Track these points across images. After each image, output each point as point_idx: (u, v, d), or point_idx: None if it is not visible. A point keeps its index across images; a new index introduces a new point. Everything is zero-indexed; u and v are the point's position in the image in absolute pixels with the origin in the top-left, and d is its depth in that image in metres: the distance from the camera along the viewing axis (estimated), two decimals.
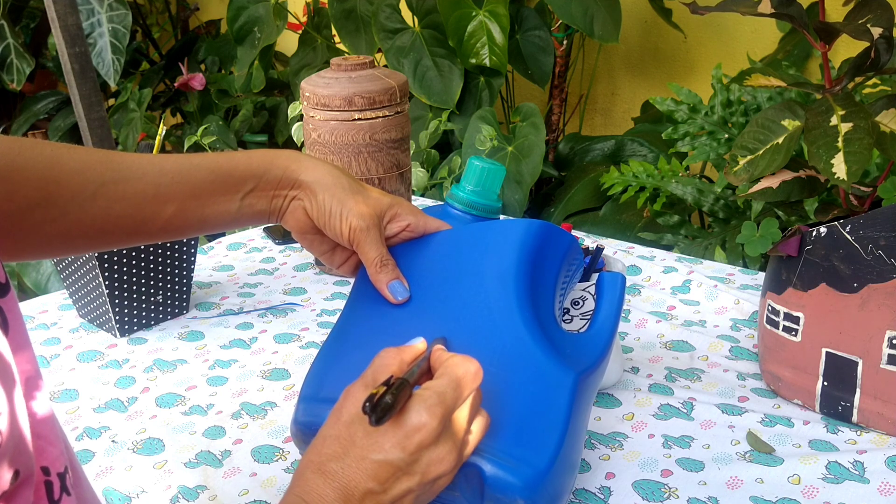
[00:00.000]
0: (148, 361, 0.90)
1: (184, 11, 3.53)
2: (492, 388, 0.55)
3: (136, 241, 0.63)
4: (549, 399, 0.56)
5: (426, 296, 0.62)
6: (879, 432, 0.72)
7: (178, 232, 0.63)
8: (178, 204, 0.60)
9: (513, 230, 0.63)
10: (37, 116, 3.21)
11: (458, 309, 0.60)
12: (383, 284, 0.62)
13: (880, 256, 0.68)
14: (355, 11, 2.27)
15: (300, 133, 1.56)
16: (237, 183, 0.62)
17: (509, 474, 0.52)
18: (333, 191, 0.63)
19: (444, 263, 0.63)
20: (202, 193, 0.61)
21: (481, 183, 0.66)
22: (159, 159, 0.61)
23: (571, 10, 1.90)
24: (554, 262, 0.64)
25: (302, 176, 0.63)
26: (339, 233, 0.63)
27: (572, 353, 0.59)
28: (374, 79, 0.97)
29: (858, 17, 0.73)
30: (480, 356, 0.56)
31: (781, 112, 0.76)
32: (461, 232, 0.65)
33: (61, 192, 0.55)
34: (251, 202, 0.63)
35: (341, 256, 0.68)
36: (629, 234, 1.74)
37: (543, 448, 0.54)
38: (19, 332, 0.38)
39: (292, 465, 0.71)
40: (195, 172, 0.61)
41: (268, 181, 0.63)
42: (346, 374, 0.57)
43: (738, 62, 2.17)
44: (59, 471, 0.38)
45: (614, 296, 0.65)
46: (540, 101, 2.46)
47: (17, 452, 0.33)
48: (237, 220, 0.64)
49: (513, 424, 0.54)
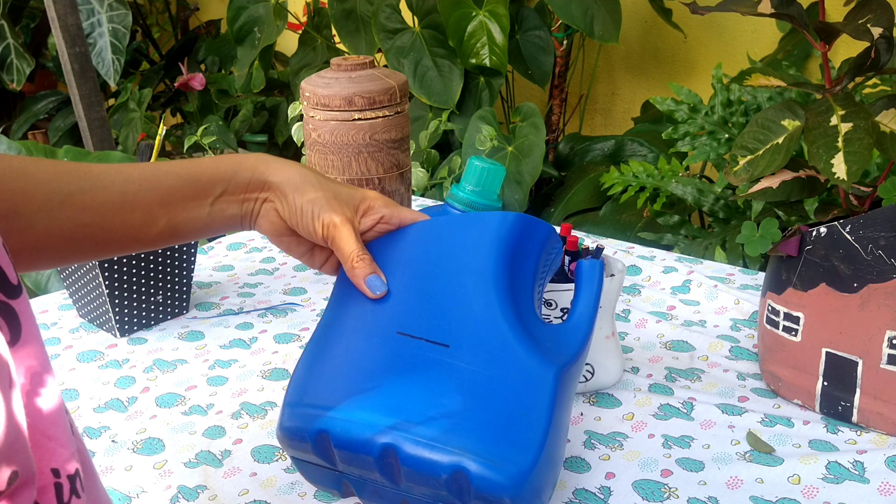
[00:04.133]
0: (148, 361, 0.90)
1: (184, 11, 3.53)
2: (473, 385, 0.55)
3: (105, 251, 0.61)
4: (531, 395, 0.56)
5: (406, 291, 0.61)
6: (879, 432, 0.72)
7: (148, 241, 0.61)
8: (146, 212, 0.59)
9: (490, 223, 0.63)
10: (37, 116, 3.21)
11: (438, 304, 0.60)
12: (360, 279, 0.61)
13: (880, 256, 0.68)
14: (355, 11, 2.27)
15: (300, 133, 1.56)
16: (205, 187, 0.61)
17: (495, 474, 0.52)
18: (303, 189, 0.62)
19: (422, 257, 0.63)
20: (170, 200, 0.60)
21: (481, 183, 0.66)
22: (127, 167, 0.60)
23: (571, 10, 1.90)
24: (532, 254, 0.63)
25: (270, 177, 0.62)
26: (312, 231, 0.62)
27: (553, 347, 0.59)
28: (374, 79, 0.97)
29: (858, 17, 0.73)
30: (461, 352, 0.56)
31: (781, 112, 0.76)
32: (438, 224, 0.65)
33: (28, 203, 0.54)
34: (221, 207, 0.62)
35: (321, 257, 0.67)
36: (629, 234, 1.74)
37: (528, 446, 0.54)
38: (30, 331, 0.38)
39: (292, 465, 0.71)
40: (163, 179, 0.60)
41: (237, 184, 0.62)
42: (330, 376, 0.58)
43: (738, 62, 2.17)
44: (69, 473, 0.38)
45: (593, 284, 0.65)
46: (540, 101, 2.46)
47: (14, 452, 0.33)
48: (209, 227, 0.63)
49: (496, 423, 0.54)
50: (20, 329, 0.37)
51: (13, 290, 0.38)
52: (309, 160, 1.01)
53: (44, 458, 0.36)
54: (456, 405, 0.55)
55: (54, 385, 0.39)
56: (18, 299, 0.38)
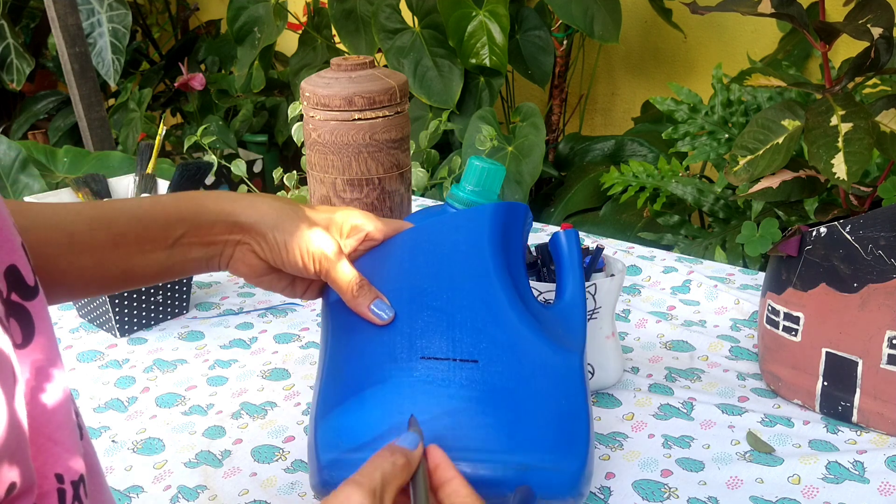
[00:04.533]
0: (148, 361, 0.90)
1: (184, 11, 3.53)
2: (511, 394, 0.54)
3: (51, 297, 0.54)
4: (566, 390, 0.56)
5: (412, 310, 0.59)
6: (879, 432, 0.72)
7: (100, 286, 0.57)
8: (97, 255, 0.54)
9: (475, 220, 0.62)
10: (37, 116, 3.21)
11: (451, 318, 0.58)
12: (364, 308, 0.58)
13: (880, 256, 0.68)
14: (355, 11, 2.27)
15: (300, 133, 1.56)
16: (163, 228, 0.56)
17: (557, 479, 0.53)
18: (282, 225, 0.58)
19: (416, 269, 0.61)
20: (124, 241, 0.55)
21: (481, 183, 0.66)
22: (77, 206, 0.55)
23: (571, 10, 1.90)
24: (518, 238, 0.63)
25: (241, 217, 0.58)
26: (301, 267, 0.58)
27: (563, 332, 0.59)
28: (374, 79, 0.97)
29: (858, 17, 0.73)
30: (491, 364, 0.55)
31: (781, 112, 0.76)
32: (425, 230, 0.63)
33: None
34: (183, 251, 0.57)
35: (302, 286, 0.63)
36: (629, 234, 1.74)
37: (577, 441, 0.54)
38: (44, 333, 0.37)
39: (292, 464, 0.71)
40: (116, 219, 0.55)
41: (199, 226, 0.57)
42: (360, 415, 0.54)
43: (738, 62, 2.17)
44: (73, 479, 0.37)
45: (574, 254, 0.64)
46: (540, 101, 2.46)
47: (14, 459, 0.32)
48: (170, 270, 0.58)
49: (544, 427, 0.54)
50: (33, 331, 0.36)
51: (29, 291, 0.37)
52: (309, 160, 1.01)
53: (48, 463, 0.36)
54: (502, 419, 0.54)
55: (67, 390, 0.39)
56: (34, 300, 0.37)
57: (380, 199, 1.00)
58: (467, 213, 0.63)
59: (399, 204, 1.02)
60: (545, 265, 0.78)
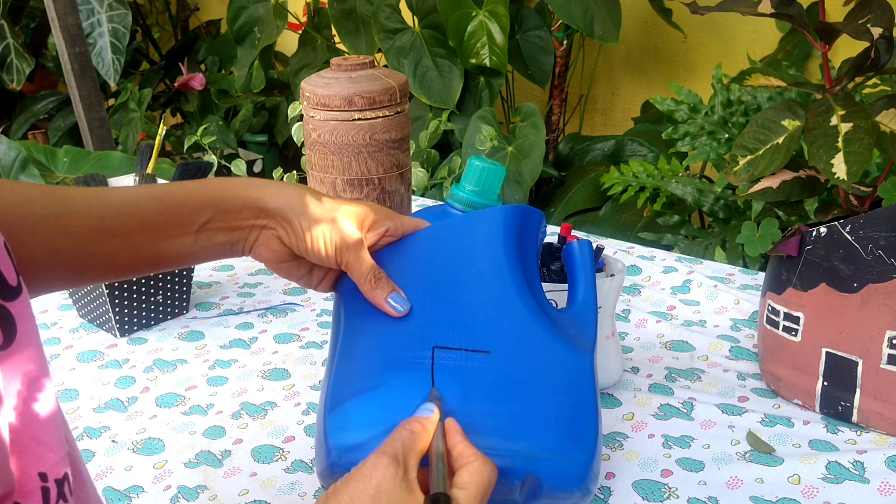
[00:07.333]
0: (148, 361, 0.90)
1: (184, 11, 3.53)
2: (522, 386, 0.55)
3: (81, 279, 0.57)
4: (576, 386, 0.57)
5: (427, 303, 0.60)
6: (879, 432, 0.72)
7: (128, 269, 0.58)
8: (125, 238, 0.56)
9: (492, 220, 0.63)
10: (37, 116, 3.21)
11: (464, 311, 0.59)
12: (381, 300, 0.59)
13: (880, 256, 0.68)
14: (355, 11, 2.27)
15: (300, 133, 1.56)
16: (190, 214, 0.58)
17: (565, 471, 0.53)
18: (308, 213, 0.59)
19: (433, 265, 0.62)
20: (152, 226, 0.56)
21: (481, 183, 0.66)
22: (105, 191, 0.56)
23: (571, 10, 1.90)
24: (533, 242, 0.64)
25: (268, 203, 0.59)
26: (322, 255, 0.60)
27: (576, 334, 0.60)
28: (374, 79, 0.97)
29: (858, 17, 0.73)
30: (502, 356, 0.56)
31: (781, 112, 0.76)
32: (442, 229, 0.64)
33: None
34: (209, 235, 0.59)
35: (318, 276, 0.65)
36: (629, 234, 1.74)
37: (586, 437, 0.55)
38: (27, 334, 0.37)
39: (292, 464, 0.71)
40: (143, 204, 0.57)
41: (226, 211, 0.58)
42: (369, 403, 0.55)
43: (738, 62, 2.17)
44: (56, 477, 0.37)
45: (587, 263, 0.65)
46: (540, 101, 2.46)
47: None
48: (196, 255, 0.59)
49: (553, 420, 0.55)
50: (15, 332, 0.36)
51: (11, 291, 0.37)
52: (309, 160, 1.01)
53: (31, 463, 0.36)
54: (512, 408, 0.54)
55: (50, 389, 0.39)
56: (16, 301, 0.37)
57: (380, 199, 1.00)
58: (484, 214, 0.64)
59: (399, 204, 1.02)
60: (545, 265, 0.78)
